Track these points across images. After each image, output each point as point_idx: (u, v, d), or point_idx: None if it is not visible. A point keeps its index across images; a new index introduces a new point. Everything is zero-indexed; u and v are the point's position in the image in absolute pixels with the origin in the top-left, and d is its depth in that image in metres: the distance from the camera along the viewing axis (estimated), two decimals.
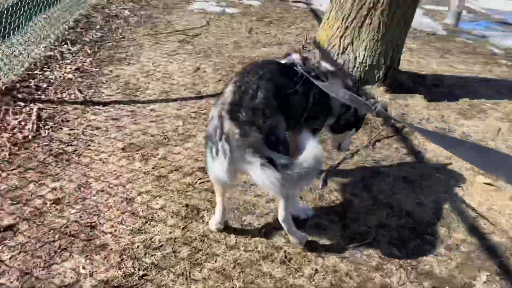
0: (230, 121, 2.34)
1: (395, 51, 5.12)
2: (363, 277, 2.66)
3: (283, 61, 2.92)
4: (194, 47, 6.63)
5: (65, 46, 6.00)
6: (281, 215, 2.64)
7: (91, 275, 2.50)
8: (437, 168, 3.89)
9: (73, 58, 5.69)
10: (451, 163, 3.94)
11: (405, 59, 6.85)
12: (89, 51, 6.00)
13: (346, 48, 5.06)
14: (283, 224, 2.68)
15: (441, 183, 3.67)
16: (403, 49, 6.89)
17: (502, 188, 3.68)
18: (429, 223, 3.18)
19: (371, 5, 4.74)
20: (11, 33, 5.13)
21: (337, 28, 5.07)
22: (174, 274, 2.55)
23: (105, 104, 4.59)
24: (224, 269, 2.62)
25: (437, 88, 5.77)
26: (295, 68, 2.79)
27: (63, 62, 5.51)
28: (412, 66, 6.62)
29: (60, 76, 5.10)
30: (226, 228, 2.95)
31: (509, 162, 1.29)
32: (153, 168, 3.55)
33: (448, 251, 2.94)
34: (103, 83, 5.10)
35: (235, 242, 2.84)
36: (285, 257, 2.75)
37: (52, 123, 4.08)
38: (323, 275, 2.65)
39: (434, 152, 4.14)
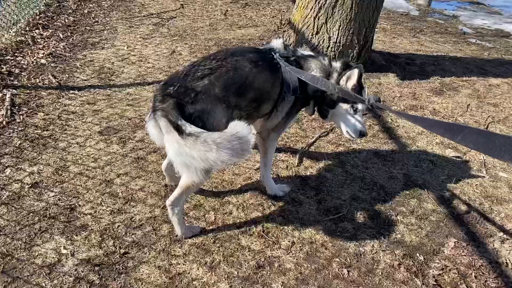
0: (159, 91, 2.43)
1: (368, 30, 5.21)
2: (337, 247, 2.78)
3: (263, 47, 2.94)
4: (169, 30, 6.59)
5: (37, 31, 5.89)
6: (170, 198, 2.59)
7: (72, 255, 2.54)
8: (408, 143, 4.02)
9: (46, 43, 5.60)
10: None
11: (378, 39, 6.97)
12: (61, 36, 5.90)
13: (320, 28, 5.12)
14: (168, 209, 2.62)
15: (412, 157, 3.81)
16: (377, 29, 7.02)
17: (470, 161, 3.85)
18: (400, 195, 3.32)
19: None
20: None
21: (311, 9, 5.12)
22: (155, 251, 2.61)
23: (80, 88, 4.56)
24: (204, 244, 2.69)
25: (409, 67, 5.90)
26: (272, 55, 2.76)
27: (35, 47, 5.42)
28: (385, 45, 6.74)
29: (33, 62, 5.02)
30: (205, 205, 3.02)
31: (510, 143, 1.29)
32: (131, 150, 3.58)
33: (418, 221, 3.09)
34: (77, 67, 5.05)
35: (214, 219, 2.91)
36: (263, 231, 2.84)
37: (26, 109, 4.05)
38: (300, 246, 2.75)
39: (405, 128, 4.29)
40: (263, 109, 2.76)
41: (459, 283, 2.59)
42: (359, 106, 2.78)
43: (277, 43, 2.90)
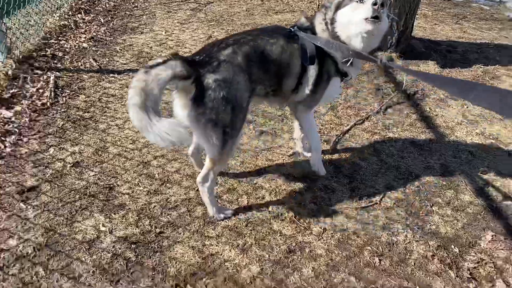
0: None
1: (409, 16, 5.06)
2: (369, 236, 2.76)
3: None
4: (206, 15, 6.63)
5: (79, 15, 6.06)
6: (199, 175, 2.69)
7: (110, 232, 2.65)
8: (447, 133, 3.92)
9: (87, 27, 5.76)
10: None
11: (419, 26, 6.76)
12: (102, 20, 6.05)
13: None
14: (199, 186, 2.71)
15: (450, 148, 3.71)
16: (417, 16, 6.79)
17: None
18: (437, 186, 3.25)
19: None
20: (26, 3, 5.21)
21: None
22: (189, 232, 2.69)
23: (119, 72, 4.68)
24: (236, 227, 2.74)
25: (451, 54, 5.71)
26: (292, 30, 2.72)
27: (77, 31, 5.58)
28: (426, 32, 6.53)
29: (75, 45, 5.18)
30: (238, 190, 3.07)
31: None
32: None
33: (454, 212, 3.02)
34: (117, 52, 5.18)
35: (247, 203, 2.96)
36: (295, 216, 2.86)
37: (69, 91, 4.20)
38: (331, 233, 2.76)
39: (444, 118, 4.17)
40: (287, 85, 2.72)
41: (495, 277, 2.53)
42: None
43: (301, 20, 2.85)
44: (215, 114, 2.34)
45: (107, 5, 6.66)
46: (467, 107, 4.40)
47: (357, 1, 2.51)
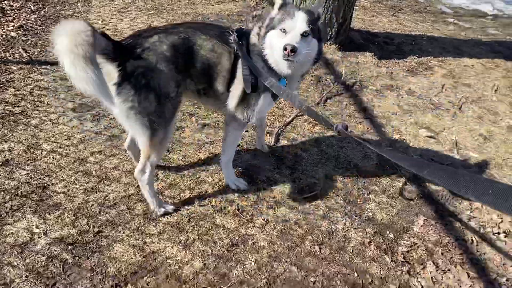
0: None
1: (347, 8, 5.19)
2: (310, 225, 2.83)
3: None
4: (146, 3, 6.43)
5: (6, 2, 5.66)
6: (137, 167, 2.67)
7: (45, 234, 2.52)
8: (383, 123, 4.08)
9: (16, 15, 5.40)
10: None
11: (358, 17, 6.96)
12: (33, 8, 5.69)
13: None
14: (137, 179, 2.69)
15: (386, 137, 3.87)
16: (356, 7, 6.99)
17: (443, 141, 3.94)
18: (374, 174, 3.38)
19: None
20: None
21: None
22: (129, 230, 2.62)
23: (53, 63, 4.43)
24: (178, 223, 2.71)
25: (387, 46, 5.93)
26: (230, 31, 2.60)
27: (4, 19, 5.21)
28: (365, 24, 6.74)
29: (2, 35, 4.84)
30: (181, 185, 3.03)
31: (475, 181, 1.36)
32: (105, 128, 3.53)
33: (389, 199, 3.16)
34: (50, 41, 4.90)
35: (189, 197, 2.92)
36: (238, 209, 2.87)
37: None
38: (274, 224, 2.80)
39: (380, 108, 4.34)
40: (216, 87, 2.64)
41: (426, 259, 2.69)
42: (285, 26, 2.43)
43: (249, 25, 2.75)
44: (137, 102, 2.31)
45: None
46: (402, 98, 4.60)
47: (281, 30, 2.42)
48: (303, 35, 2.39)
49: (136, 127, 2.40)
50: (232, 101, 2.68)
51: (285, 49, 2.31)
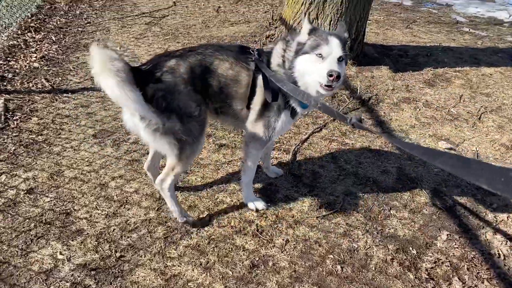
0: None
1: (360, 24, 5.21)
2: (331, 244, 2.81)
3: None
4: (162, 29, 6.59)
5: (29, 34, 5.88)
6: (158, 177, 2.79)
7: (68, 260, 2.57)
8: (401, 136, 4.05)
9: (38, 46, 5.60)
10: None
11: (371, 31, 6.97)
12: (54, 38, 5.90)
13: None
14: (158, 188, 2.79)
15: (405, 151, 3.83)
16: (369, 21, 7.01)
17: (463, 152, 3.87)
18: (394, 189, 3.35)
19: None
20: None
21: (302, 4, 5.12)
22: (150, 253, 2.64)
23: (73, 91, 4.57)
24: (199, 246, 2.72)
25: (402, 59, 5.91)
26: (250, 53, 2.64)
27: (27, 50, 5.42)
28: (378, 37, 6.74)
29: (26, 66, 5.03)
30: (200, 206, 3.05)
31: (488, 169, 1.36)
32: (125, 152, 3.60)
33: (411, 215, 3.11)
34: (71, 70, 5.06)
35: (209, 219, 2.94)
36: (257, 230, 2.87)
37: (20, 114, 4.06)
38: (294, 244, 2.79)
39: (398, 122, 4.31)
40: (235, 106, 2.67)
41: (451, 275, 2.63)
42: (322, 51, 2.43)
43: (269, 45, 2.79)
44: (161, 124, 2.40)
45: (58, 22, 6.50)
46: (419, 110, 4.56)
47: (317, 55, 2.41)
48: (339, 60, 2.42)
49: (164, 146, 2.51)
50: (251, 118, 2.71)
51: (330, 75, 2.31)
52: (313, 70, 2.43)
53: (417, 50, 6.29)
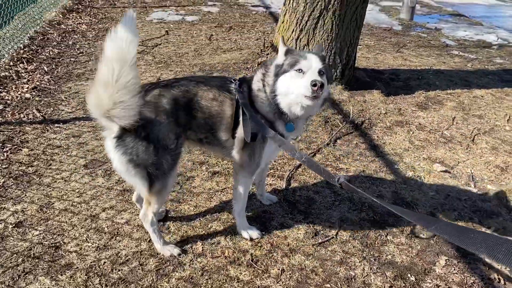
0: None
1: (350, 49, 5.27)
2: (328, 273, 2.74)
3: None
4: (154, 57, 6.62)
5: (21, 65, 5.88)
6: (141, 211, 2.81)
7: None
8: (396, 160, 4.03)
9: (30, 77, 5.59)
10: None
11: (362, 56, 7.05)
12: (46, 69, 5.90)
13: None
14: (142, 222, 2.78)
15: (399, 174, 3.80)
16: (360, 46, 7.10)
17: (458, 174, 3.85)
18: (390, 214, 3.30)
19: (322, 7, 4.87)
20: None
21: (292, 31, 5.18)
22: (142, 287, 2.56)
23: (65, 121, 4.53)
24: (192, 278, 2.65)
25: (394, 82, 5.96)
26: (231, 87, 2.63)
27: (19, 81, 5.40)
28: (369, 62, 6.81)
29: (17, 96, 5.00)
30: (193, 236, 2.98)
31: (486, 239, 1.34)
32: (116, 182, 3.54)
33: (408, 240, 3.06)
34: (63, 100, 5.04)
35: (202, 250, 2.87)
36: (252, 259, 2.80)
37: (10, 145, 4.01)
38: (290, 274, 2.71)
39: (392, 145, 4.29)
40: (219, 136, 2.65)
41: None
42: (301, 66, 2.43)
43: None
44: (135, 155, 2.36)
45: (50, 52, 6.52)
46: (412, 133, 4.56)
47: (296, 70, 2.42)
48: (320, 73, 2.41)
49: (134, 178, 2.45)
50: (238, 147, 2.68)
51: (314, 85, 2.29)
52: (296, 86, 2.41)
53: (408, 74, 6.35)
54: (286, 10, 5.33)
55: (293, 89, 2.43)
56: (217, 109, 2.58)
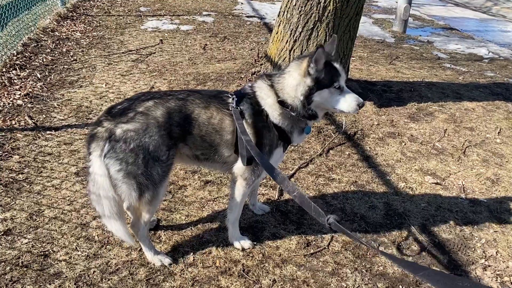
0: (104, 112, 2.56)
1: (343, 60, 5.30)
2: (319, 284, 2.73)
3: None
4: (148, 66, 6.62)
5: (14, 71, 5.84)
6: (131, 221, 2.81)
7: None
8: (388, 171, 4.04)
9: (23, 83, 5.56)
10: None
11: (355, 68, 7.10)
12: (39, 76, 5.88)
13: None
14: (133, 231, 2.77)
15: (391, 185, 3.82)
16: (353, 58, 7.15)
17: (449, 186, 3.87)
18: (382, 225, 3.30)
19: (316, 18, 4.91)
20: None
21: (286, 42, 5.21)
22: None
23: (57, 129, 4.50)
24: None
25: (386, 94, 6.00)
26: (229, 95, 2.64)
27: (11, 88, 5.37)
28: (362, 73, 6.86)
29: (9, 103, 4.97)
30: (184, 246, 2.96)
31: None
32: None
33: (400, 252, 3.06)
34: (55, 107, 5.01)
35: (193, 260, 2.85)
36: (243, 270, 2.78)
37: (1, 152, 3.97)
38: (281, 284, 2.70)
39: (384, 156, 4.31)
40: (221, 152, 2.64)
41: None
42: (341, 83, 2.57)
43: (245, 87, 2.77)
44: (125, 164, 2.35)
45: (44, 59, 6.49)
46: (404, 145, 4.59)
47: (336, 88, 2.54)
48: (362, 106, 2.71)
49: (122, 188, 2.42)
50: (242, 162, 2.59)
51: (362, 105, 2.63)
52: (337, 102, 2.58)
53: (401, 86, 6.40)
54: (280, 21, 5.36)
55: (334, 104, 2.59)
56: (217, 127, 2.57)
